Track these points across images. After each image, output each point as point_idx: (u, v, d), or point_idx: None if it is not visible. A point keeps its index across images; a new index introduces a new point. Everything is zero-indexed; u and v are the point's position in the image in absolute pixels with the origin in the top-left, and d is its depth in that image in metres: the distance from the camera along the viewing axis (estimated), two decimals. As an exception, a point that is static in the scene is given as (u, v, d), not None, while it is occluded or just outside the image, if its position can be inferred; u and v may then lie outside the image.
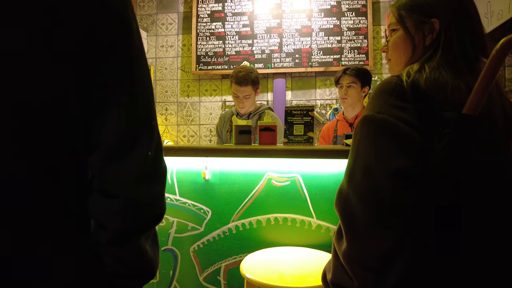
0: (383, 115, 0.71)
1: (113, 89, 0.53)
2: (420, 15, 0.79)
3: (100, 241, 0.56)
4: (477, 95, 0.64)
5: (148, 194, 0.56)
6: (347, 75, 2.18)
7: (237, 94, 2.25)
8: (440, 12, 0.77)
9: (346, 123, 2.31)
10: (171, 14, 3.53)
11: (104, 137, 0.53)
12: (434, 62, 0.75)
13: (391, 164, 0.68)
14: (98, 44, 0.51)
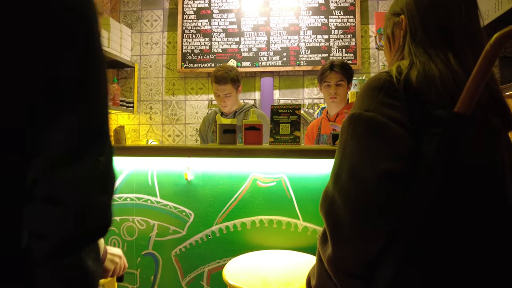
0: (372, 113, 0.67)
1: (66, 92, 0.51)
2: (394, 16, 0.84)
3: (36, 256, 0.50)
4: (469, 93, 0.60)
5: (95, 202, 0.52)
6: (334, 73, 2.07)
7: (218, 93, 2.25)
8: (406, 9, 0.80)
9: (329, 120, 2.23)
10: (156, 10, 3.45)
11: (54, 139, 0.49)
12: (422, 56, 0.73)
13: (379, 165, 0.64)
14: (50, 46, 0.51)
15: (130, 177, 1.54)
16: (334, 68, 2.07)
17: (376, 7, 3.18)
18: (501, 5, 2.32)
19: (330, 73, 2.08)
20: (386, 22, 0.88)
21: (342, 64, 2.09)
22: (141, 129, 3.44)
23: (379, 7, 3.18)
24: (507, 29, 0.57)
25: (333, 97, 2.10)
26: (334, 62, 2.10)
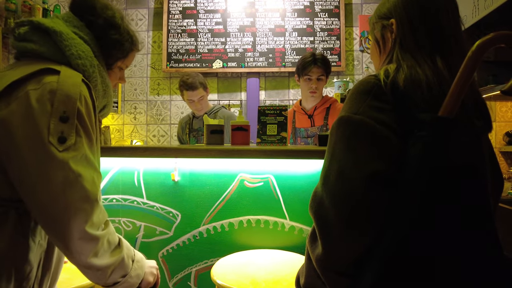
0: (360, 116, 0.69)
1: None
2: (383, 20, 0.85)
3: None
4: (453, 97, 0.63)
5: None
6: (317, 67, 2.04)
7: (192, 98, 2.39)
8: (395, 13, 0.81)
9: (305, 114, 2.17)
10: (141, 9, 3.42)
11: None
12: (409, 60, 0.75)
13: (367, 167, 0.66)
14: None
15: (116, 178, 1.52)
16: (317, 62, 2.04)
17: (360, 10, 3.24)
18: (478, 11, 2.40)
19: (313, 67, 2.04)
20: (373, 25, 0.89)
21: (324, 59, 2.07)
22: (125, 129, 3.39)
23: (363, 10, 3.24)
24: (489, 36, 0.60)
25: (314, 91, 2.07)
26: (316, 56, 2.06)
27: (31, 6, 2.28)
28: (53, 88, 0.73)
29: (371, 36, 0.91)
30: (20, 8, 2.28)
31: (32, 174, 0.69)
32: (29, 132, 0.70)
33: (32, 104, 0.71)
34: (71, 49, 0.83)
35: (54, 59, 0.82)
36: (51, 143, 0.70)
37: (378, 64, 0.89)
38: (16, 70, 0.77)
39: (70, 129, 0.73)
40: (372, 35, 0.89)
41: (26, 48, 0.82)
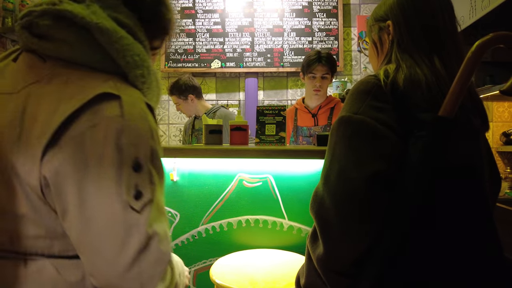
0: (361, 116, 0.69)
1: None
2: (379, 22, 0.85)
3: None
4: (452, 97, 0.63)
5: None
6: (321, 65, 2.02)
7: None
8: (392, 14, 0.82)
9: (308, 113, 2.16)
10: (139, 8, 3.41)
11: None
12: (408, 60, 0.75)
13: (367, 167, 0.66)
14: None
15: (114, 177, 1.52)
16: (322, 60, 2.02)
17: (358, 10, 3.25)
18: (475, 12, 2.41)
19: (318, 65, 2.02)
20: (370, 27, 0.89)
21: (329, 57, 2.05)
22: (123, 129, 3.39)
23: (361, 10, 3.25)
24: (488, 37, 0.61)
25: (318, 89, 2.05)
26: (321, 54, 2.04)
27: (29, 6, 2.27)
28: (119, 127, 0.52)
29: (368, 38, 0.92)
30: (18, 7, 2.27)
31: (95, 239, 0.52)
32: (92, 189, 0.50)
33: (93, 150, 0.50)
34: (125, 55, 0.58)
35: (96, 67, 0.57)
36: (127, 203, 0.52)
37: (376, 65, 0.89)
38: (52, 91, 0.53)
39: (144, 180, 0.54)
40: (370, 37, 0.90)
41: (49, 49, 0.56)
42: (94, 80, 0.55)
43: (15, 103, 0.53)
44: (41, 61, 0.57)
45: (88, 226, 0.51)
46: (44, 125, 0.50)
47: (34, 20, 0.56)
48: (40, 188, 0.51)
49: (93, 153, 0.50)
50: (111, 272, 0.52)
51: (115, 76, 0.58)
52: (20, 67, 0.58)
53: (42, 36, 0.56)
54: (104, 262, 0.52)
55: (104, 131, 0.51)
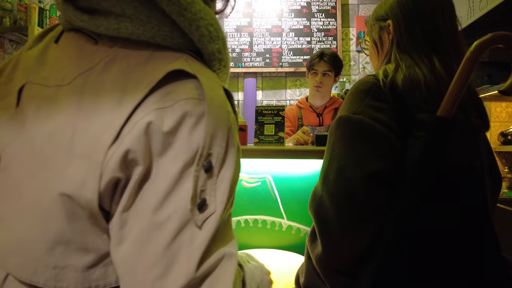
0: (360, 115, 0.69)
1: None
2: (380, 21, 0.85)
3: None
4: (451, 97, 0.64)
5: None
6: (323, 62, 2.04)
7: None
8: (392, 14, 0.82)
9: (313, 112, 2.16)
10: (138, 8, 3.41)
11: None
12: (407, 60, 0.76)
13: (366, 166, 0.66)
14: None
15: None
16: (323, 57, 2.05)
17: (357, 10, 3.26)
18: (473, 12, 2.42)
19: (319, 62, 2.05)
20: (370, 26, 0.90)
21: (332, 55, 2.07)
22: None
23: (360, 10, 3.26)
24: (487, 37, 0.61)
25: (318, 85, 2.06)
26: (324, 52, 2.07)
27: (27, 5, 2.26)
28: (195, 113, 0.40)
29: (369, 37, 0.92)
30: (16, 7, 2.26)
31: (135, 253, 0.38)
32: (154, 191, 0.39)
33: (161, 139, 0.39)
34: (199, 26, 0.44)
35: (161, 44, 0.45)
36: (191, 212, 0.39)
37: (377, 65, 0.89)
38: (111, 80, 0.42)
39: (212, 185, 0.41)
40: (370, 37, 0.90)
41: (102, 27, 0.43)
42: (161, 59, 0.43)
43: (66, 98, 0.42)
44: (92, 42, 0.45)
45: (147, 237, 0.39)
46: (105, 125, 0.39)
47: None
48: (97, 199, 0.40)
49: (162, 144, 0.39)
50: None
51: (185, 53, 0.45)
52: (66, 52, 0.47)
53: (93, 10, 0.44)
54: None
55: (175, 116, 0.39)
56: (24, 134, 0.43)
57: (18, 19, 2.26)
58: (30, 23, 2.24)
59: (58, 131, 0.41)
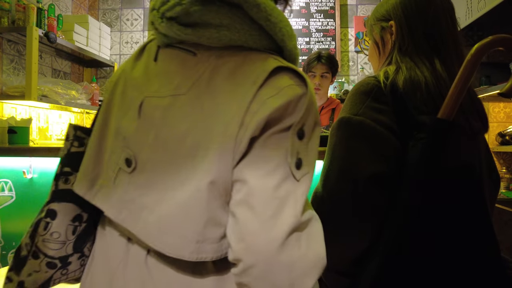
0: (360, 117, 0.70)
1: None
2: (382, 21, 0.85)
3: None
4: (451, 100, 0.64)
5: None
6: (321, 64, 2.05)
7: None
8: (394, 15, 0.82)
9: None
10: (137, 9, 3.40)
11: None
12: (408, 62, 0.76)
13: (367, 168, 0.67)
14: None
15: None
16: (321, 59, 2.06)
17: (355, 11, 3.26)
18: (471, 13, 2.43)
19: (317, 64, 2.06)
20: (371, 26, 0.89)
21: (329, 56, 2.09)
22: (120, 129, 3.38)
23: (358, 11, 3.26)
24: (488, 39, 0.61)
25: (317, 88, 2.08)
26: (321, 53, 2.09)
27: (26, 5, 2.25)
28: (300, 95, 0.49)
29: (369, 37, 0.91)
30: (14, 7, 2.26)
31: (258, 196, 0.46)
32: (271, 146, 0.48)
33: (273, 119, 0.48)
34: (281, 28, 0.52)
35: (251, 46, 0.52)
36: (289, 167, 0.47)
37: (377, 65, 0.89)
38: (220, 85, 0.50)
39: (304, 150, 0.49)
40: (371, 37, 0.89)
41: (205, 38, 0.50)
42: (255, 60, 0.51)
43: (188, 105, 0.51)
44: (191, 54, 0.53)
45: (260, 181, 0.46)
46: (229, 119, 0.48)
47: (189, 9, 0.49)
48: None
49: (272, 122, 0.48)
50: (262, 239, 0.44)
51: (270, 53, 0.53)
52: (170, 66, 0.55)
53: (194, 24, 0.50)
54: (259, 226, 0.44)
55: (283, 100, 0.47)
56: (154, 139, 0.52)
57: (16, 19, 2.25)
58: (29, 23, 2.24)
59: (190, 132, 0.50)
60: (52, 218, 0.59)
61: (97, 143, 0.59)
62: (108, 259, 0.57)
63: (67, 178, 0.61)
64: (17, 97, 2.17)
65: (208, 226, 0.48)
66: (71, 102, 2.52)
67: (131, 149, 0.54)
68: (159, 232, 0.49)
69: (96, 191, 0.57)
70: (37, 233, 0.59)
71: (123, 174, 0.54)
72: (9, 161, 1.54)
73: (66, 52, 2.87)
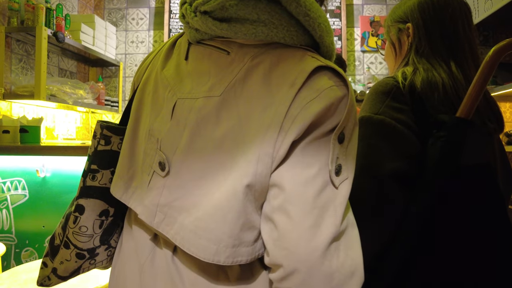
0: (381, 116, 0.71)
1: None
2: (399, 23, 0.86)
3: None
4: (470, 100, 0.65)
5: None
6: None
7: None
8: (412, 17, 0.82)
9: None
10: (142, 9, 3.42)
11: None
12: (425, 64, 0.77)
13: (387, 165, 0.68)
14: None
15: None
16: None
17: (361, 11, 3.27)
18: (478, 13, 2.43)
19: None
20: (388, 27, 0.90)
21: (336, 56, 2.09)
22: (126, 128, 3.40)
23: (364, 11, 3.27)
24: (505, 42, 0.63)
25: None
26: None
27: (35, 5, 2.27)
28: (341, 96, 0.47)
29: (386, 38, 0.92)
30: (23, 7, 2.27)
31: (300, 202, 0.45)
32: (311, 152, 0.46)
33: (314, 124, 0.46)
34: (320, 23, 0.50)
35: (288, 42, 0.50)
36: (329, 173, 0.46)
37: (393, 65, 0.90)
38: (257, 84, 0.48)
39: (343, 155, 0.48)
40: (388, 37, 0.90)
41: (241, 33, 0.49)
42: (291, 58, 0.49)
43: (225, 107, 0.49)
44: (224, 53, 0.51)
45: (300, 189, 0.45)
46: (267, 123, 0.46)
47: (226, 3, 0.47)
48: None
49: (312, 127, 0.46)
50: (304, 247, 0.43)
51: (306, 49, 0.51)
52: (202, 66, 0.53)
53: (229, 19, 0.48)
54: (299, 235, 0.44)
55: (323, 103, 0.45)
56: (187, 143, 0.51)
57: (25, 19, 2.27)
58: (38, 23, 2.25)
59: (227, 137, 0.48)
60: (80, 213, 0.61)
61: (130, 144, 0.60)
62: (136, 252, 0.57)
63: (94, 175, 0.62)
64: (26, 96, 2.18)
65: (243, 229, 0.47)
66: (78, 101, 2.54)
67: (164, 152, 0.53)
68: (194, 237, 0.48)
69: (131, 193, 0.57)
70: (67, 225, 0.62)
71: (157, 177, 0.54)
72: (21, 160, 1.56)
73: (72, 52, 2.88)
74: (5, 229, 1.57)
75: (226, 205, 0.47)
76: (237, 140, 0.48)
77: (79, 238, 0.61)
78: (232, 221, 0.47)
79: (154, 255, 0.55)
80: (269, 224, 0.46)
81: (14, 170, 1.56)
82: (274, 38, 0.49)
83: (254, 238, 0.48)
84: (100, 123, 0.63)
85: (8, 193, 1.56)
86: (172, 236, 0.50)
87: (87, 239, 0.61)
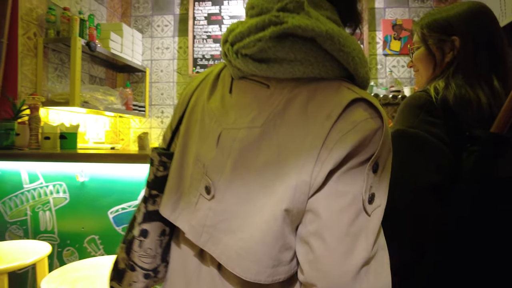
0: (415, 129, 0.73)
1: None
2: (441, 34, 0.83)
3: None
4: (505, 115, 0.67)
5: None
6: None
7: None
8: (459, 31, 0.80)
9: None
10: (167, 16, 3.51)
11: None
12: (459, 79, 0.78)
13: (422, 178, 0.70)
14: None
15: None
16: None
17: (383, 14, 3.26)
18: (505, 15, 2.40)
19: None
20: (423, 35, 0.87)
21: None
22: (153, 132, 3.50)
23: (386, 14, 3.26)
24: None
25: None
26: None
27: (70, 17, 2.38)
28: (376, 128, 0.49)
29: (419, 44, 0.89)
30: (59, 19, 2.39)
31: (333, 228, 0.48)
32: (348, 180, 0.49)
33: (351, 154, 0.49)
34: (354, 57, 0.52)
35: (323, 76, 0.53)
36: (363, 202, 0.48)
37: (428, 74, 0.88)
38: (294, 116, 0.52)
39: (376, 183, 0.50)
40: (424, 44, 0.88)
41: (282, 72, 0.52)
42: (327, 90, 0.52)
43: (266, 138, 0.53)
44: (265, 87, 0.56)
45: (335, 216, 0.48)
46: (304, 154, 0.50)
47: (265, 46, 0.51)
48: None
49: (349, 158, 0.48)
50: (337, 270, 0.46)
51: (342, 80, 0.54)
52: (244, 98, 0.58)
53: (267, 60, 0.52)
54: (333, 259, 0.47)
55: (359, 136, 0.48)
56: (231, 170, 0.55)
57: (61, 30, 2.39)
58: (73, 34, 2.37)
59: (267, 166, 0.52)
60: (145, 237, 0.66)
61: (178, 167, 0.64)
62: (184, 266, 0.62)
63: (155, 200, 0.67)
64: (62, 103, 2.30)
65: (281, 250, 0.51)
66: (109, 107, 2.65)
67: (210, 177, 0.58)
68: (238, 257, 0.52)
69: (178, 213, 0.62)
70: (131, 250, 0.67)
71: (203, 200, 0.58)
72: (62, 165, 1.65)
73: (101, 59, 3.01)
74: (48, 230, 1.67)
75: (266, 228, 0.50)
76: (277, 168, 0.51)
77: (145, 260, 0.66)
78: (271, 243, 0.50)
79: (200, 271, 0.59)
80: (305, 247, 0.50)
81: (56, 174, 1.66)
82: (310, 74, 0.52)
83: (291, 257, 0.52)
84: (157, 151, 0.67)
85: (51, 196, 1.66)
86: (218, 256, 0.54)
87: (151, 260, 0.67)
